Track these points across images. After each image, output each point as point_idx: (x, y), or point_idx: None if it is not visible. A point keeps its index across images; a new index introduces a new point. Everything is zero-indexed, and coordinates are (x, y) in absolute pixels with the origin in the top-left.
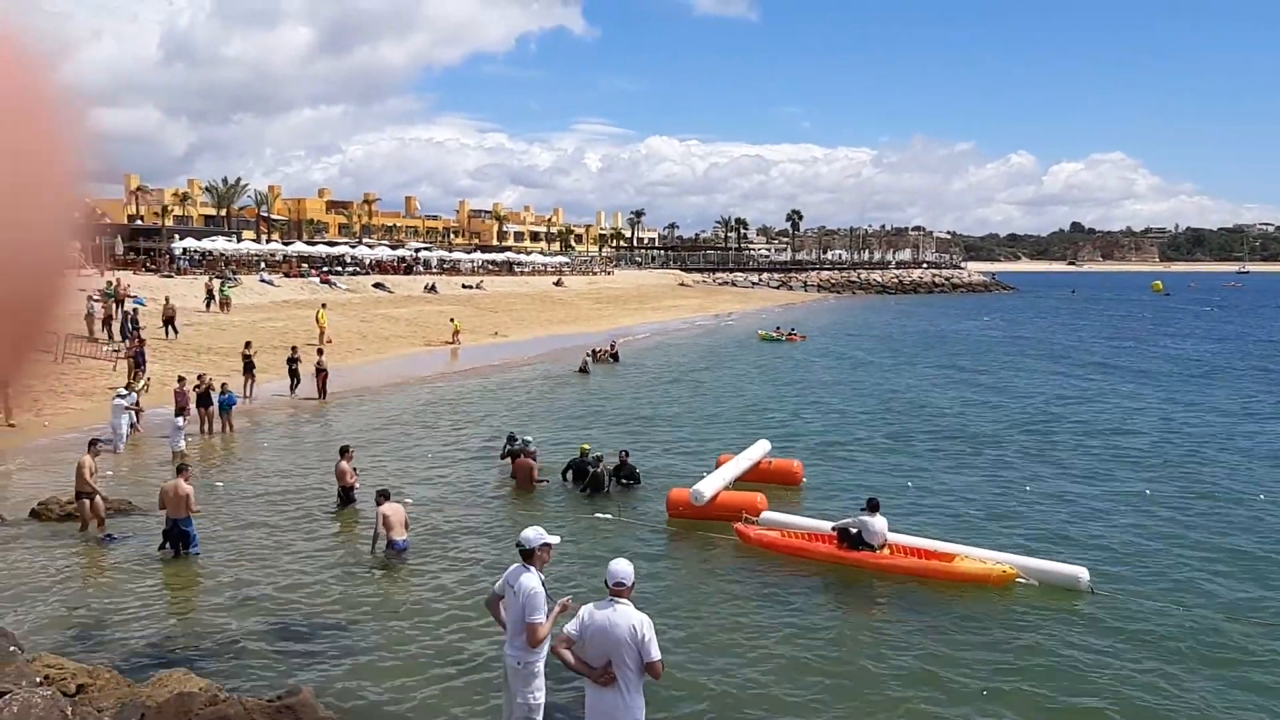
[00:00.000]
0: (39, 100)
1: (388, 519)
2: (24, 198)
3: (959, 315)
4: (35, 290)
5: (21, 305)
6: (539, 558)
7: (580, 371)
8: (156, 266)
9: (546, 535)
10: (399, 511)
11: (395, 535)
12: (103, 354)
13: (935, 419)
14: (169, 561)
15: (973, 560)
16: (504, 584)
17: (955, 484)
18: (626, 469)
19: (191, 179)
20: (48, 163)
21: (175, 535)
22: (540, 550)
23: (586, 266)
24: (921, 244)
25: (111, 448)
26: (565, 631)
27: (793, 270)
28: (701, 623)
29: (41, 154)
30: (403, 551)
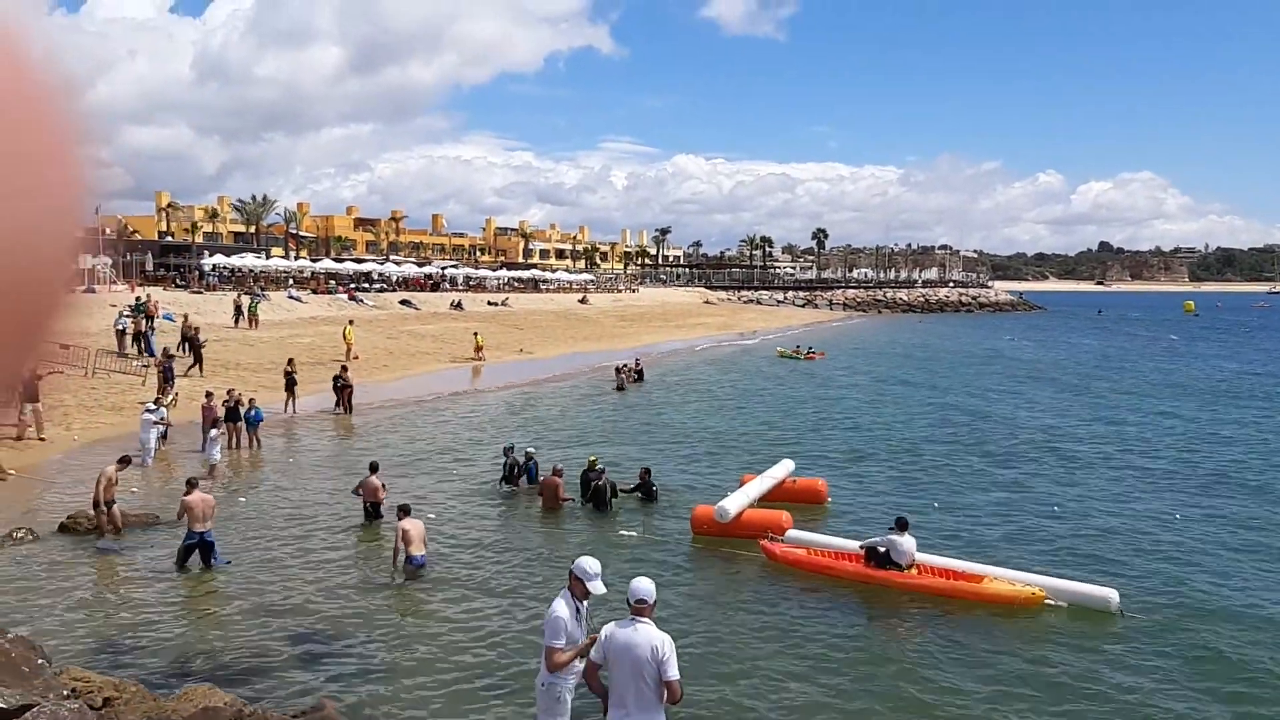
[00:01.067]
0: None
1: (407, 534)
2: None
3: (985, 334)
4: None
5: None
6: (574, 587)
7: (617, 389)
8: (186, 283)
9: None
10: (419, 527)
11: (414, 550)
12: (132, 369)
13: (960, 438)
14: (193, 575)
15: (1001, 581)
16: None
17: (982, 503)
18: (644, 485)
19: (222, 196)
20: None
21: (203, 547)
22: (574, 581)
23: (611, 284)
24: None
25: (140, 462)
26: (590, 658)
27: (818, 289)
28: (726, 641)
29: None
30: (420, 567)
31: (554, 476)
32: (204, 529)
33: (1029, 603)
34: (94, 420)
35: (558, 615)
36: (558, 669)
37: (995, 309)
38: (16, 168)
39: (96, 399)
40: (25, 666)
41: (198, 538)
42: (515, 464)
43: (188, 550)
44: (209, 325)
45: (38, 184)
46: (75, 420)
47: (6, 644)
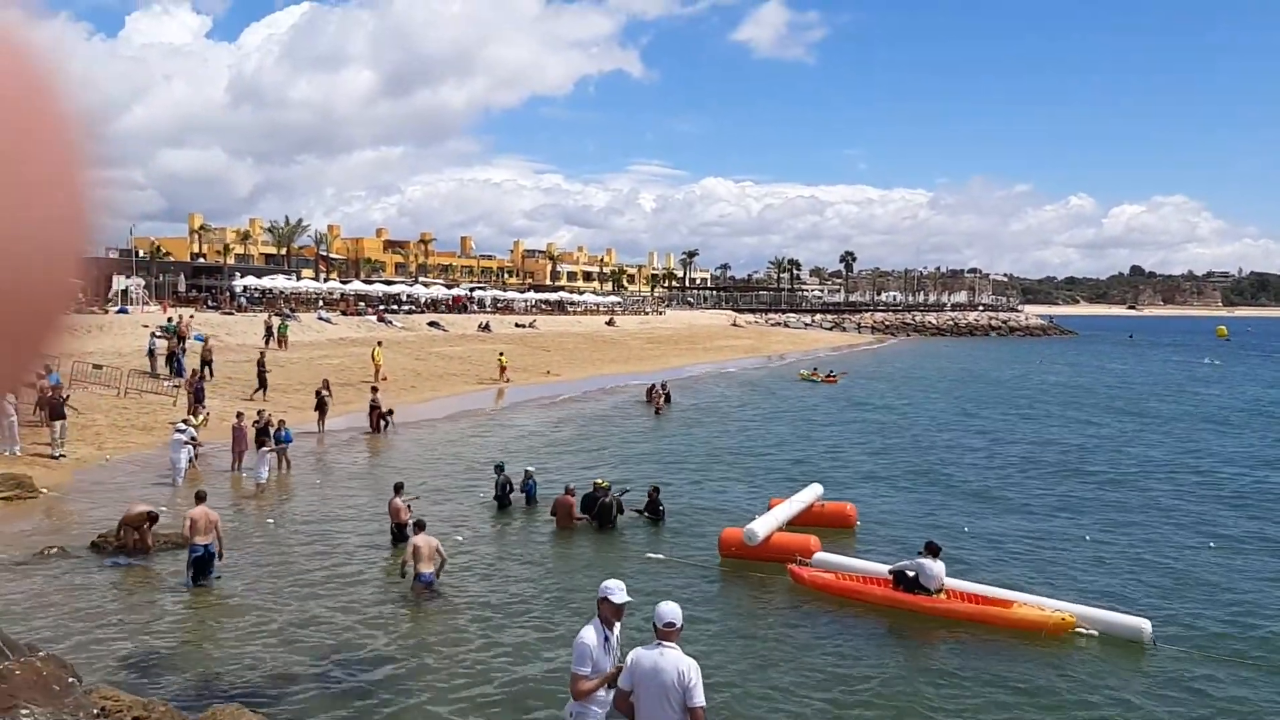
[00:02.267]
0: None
1: (418, 550)
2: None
3: (1014, 359)
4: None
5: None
6: (599, 610)
7: (655, 413)
8: (218, 304)
9: (611, 591)
10: (430, 544)
11: (422, 568)
12: (164, 389)
13: (990, 463)
14: (219, 594)
15: (1031, 607)
16: None
17: (1011, 528)
18: (653, 505)
19: (253, 218)
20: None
21: (204, 560)
22: (600, 603)
23: (639, 306)
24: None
25: (170, 481)
26: (619, 685)
27: (846, 312)
28: (753, 666)
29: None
30: (429, 585)
31: (567, 496)
32: (206, 541)
33: (1059, 629)
34: (125, 440)
35: (584, 642)
36: (582, 697)
37: (1025, 333)
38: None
39: (128, 419)
40: (56, 685)
41: (201, 550)
42: (507, 482)
43: (193, 564)
44: (240, 346)
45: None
46: (107, 440)
47: (38, 662)
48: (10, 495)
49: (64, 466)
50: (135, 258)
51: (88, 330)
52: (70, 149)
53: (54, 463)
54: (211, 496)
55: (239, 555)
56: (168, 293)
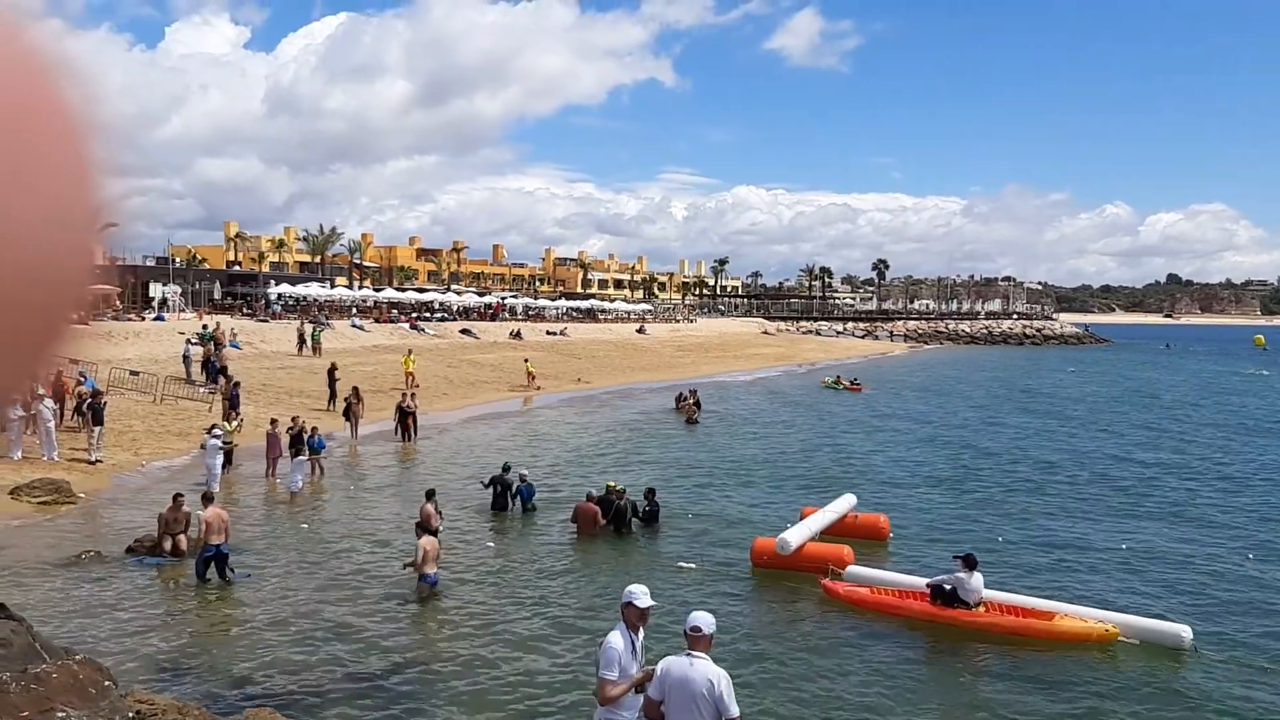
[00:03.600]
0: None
1: (426, 554)
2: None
3: (1048, 368)
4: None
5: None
6: (624, 615)
7: (689, 422)
8: (253, 311)
9: (636, 596)
10: (435, 545)
11: (427, 569)
12: (199, 395)
13: (1023, 472)
14: (256, 599)
15: (1072, 618)
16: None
17: (1047, 539)
18: (650, 505)
19: (288, 226)
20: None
21: (219, 560)
22: (624, 608)
23: (669, 314)
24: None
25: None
26: (649, 695)
27: (878, 320)
28: (785, 677)
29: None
30: (433, 585)
31: (590, 504)
32: (219, 541)
33: (1101, 640)
34: (161, 446)
35: (612, 646)
36: (610, 702)
37: (1060, 341)
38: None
39: (164, 425)
40: (92, 688)
41: (214, 550)
42: (506, 486)
43: (205, 563)
44: (274, 353)
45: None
46: (143, 445)
47: (75, 665)
48: (48, 500)
49: (101, 471)
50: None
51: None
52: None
53: (91, 468)
54: (245, 502)
55: (273, 560)
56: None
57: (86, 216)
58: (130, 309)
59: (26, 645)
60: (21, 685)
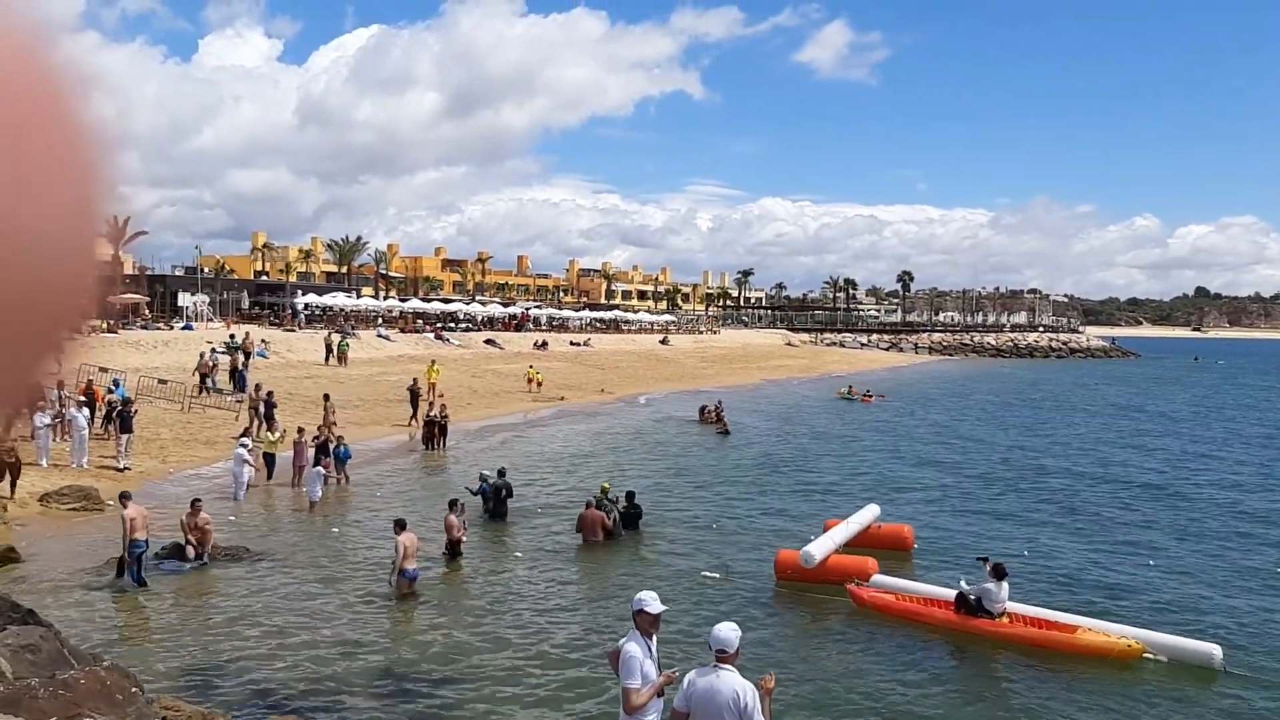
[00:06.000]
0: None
1: (406, 550)
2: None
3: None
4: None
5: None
6: (638, 623)
7: (722, 433)
8: (280, 321)
9: (647, 602)
10: (413, 541)
11: (407, 564)
12: (226, 404)
13: (1046, 485)
14: (280, 607)
15: (1096, 632)
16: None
17: (1071, 552)
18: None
19: (315, 237)
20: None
21: None
22: (636, 616)
23: (693, 325)
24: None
25: (233, 495)
26: (675, 707)
27: (903, 332)
28: (810, 690)
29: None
30: (413, 581)
31: (594, 510)
32: (145, 538)
33: (1125, 655)
34: (189, 454)
35: (633, 655)
36: (635, 710)
37: (1086, 354)
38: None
39: (191, 433)
40: (119, 694)
41: (143, 546)
42: (501, 487)
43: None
44: (300, 363)
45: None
46: (171, 453)
47: (102, 671)
48: (78, 507)
49: (129, 479)
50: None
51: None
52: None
53: (119, 475)
54: (269, 511)
55: (294, 568)
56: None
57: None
58: (159, 318)
59: (55, 651)
60: (50, 691)
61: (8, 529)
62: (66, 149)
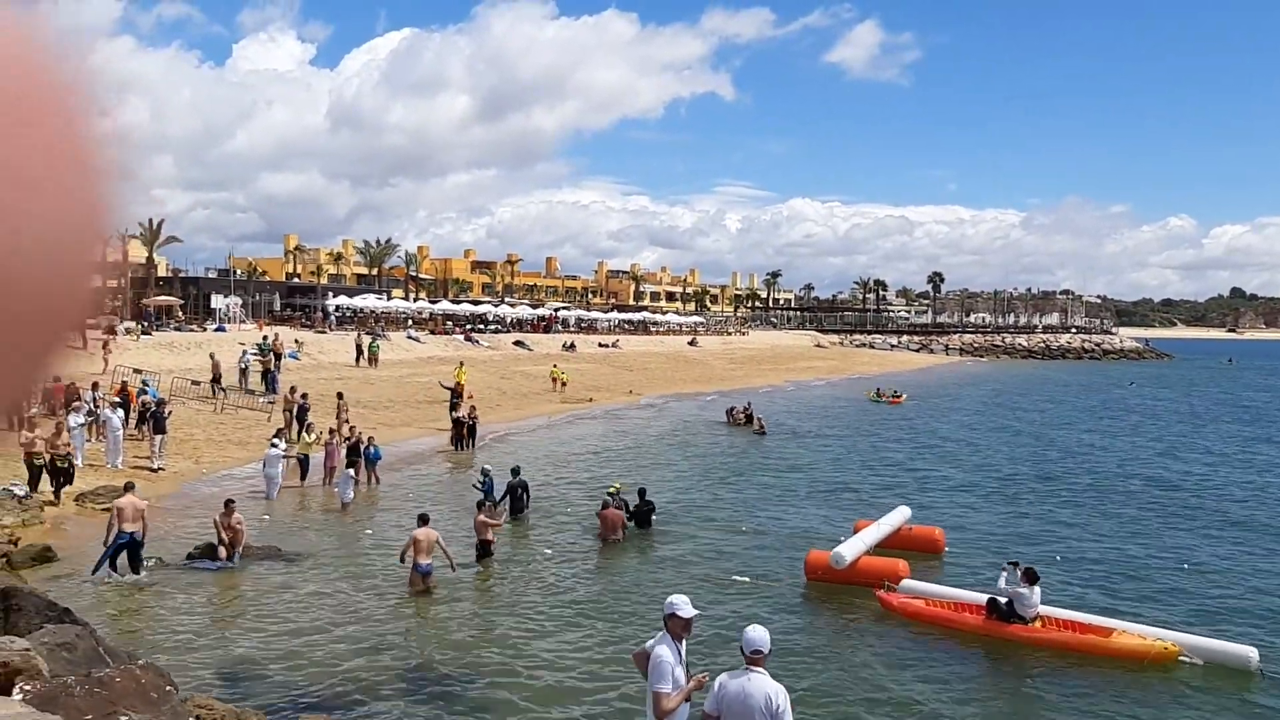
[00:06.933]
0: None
1: (418, 543)
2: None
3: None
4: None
5: None
6: (669, 627)
7: (757, 433)
8: (311, 322)
9: (679, 607)
10: (430, 537)
11: (420, 559)
12: (259, 405)
13: (1078, 487)
14: (311, 607)
15: (1131, 635)
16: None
17: (1105, 555)
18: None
19: (346, 239)
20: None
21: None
22: (668, 620)
23: (721, 326)
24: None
25: (265, 495)
26: (705, 710)
27: (933, 333)
28: (841, 692)
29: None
30: (427, 575)
31: (613, 510)
32: (133, 529)
33: (1161, 659)
34: (222, 454)
35: (664, 660)
36: (667, 714)
37: (1120, 356)
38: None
39: (224, 434)
40: (154, 693)
41: (128, 538)
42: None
43: (117, 550)
44: (331, 364)
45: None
46: (204, 454)
47: (137, 670)
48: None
49: (163, 479)
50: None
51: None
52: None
53: (153, 475)
54: (301, 511)
55: (325, 568)
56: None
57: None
58: (193, 320)
59: (91, 650)
60: (86, 689)
61: (44, 529)
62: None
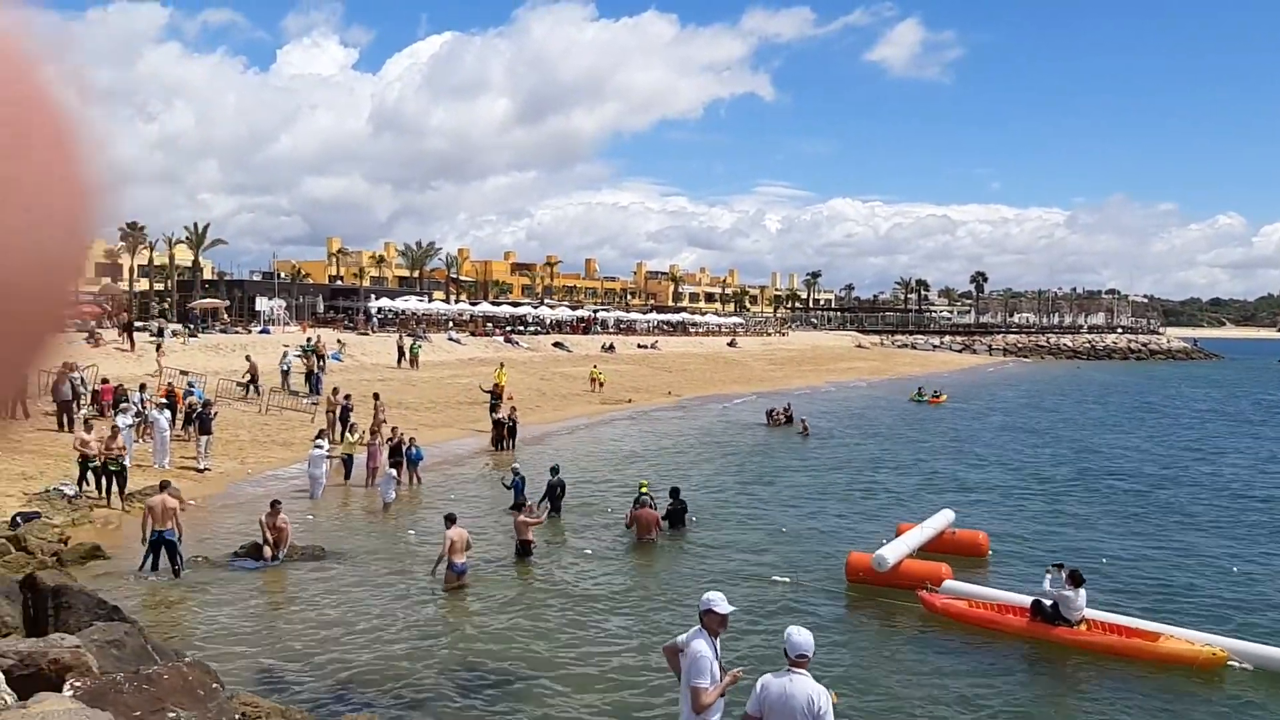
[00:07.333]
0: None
1: (454, 544)
2: None
3: (1151, 383)
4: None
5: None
6: (706, 623)
7: (801, 435)
8: (354, 324)
9: (716, 603)
10: (463, 535)
11: (456, 558)
12: (303, 406)
13: (1124, 489)
14: (355, 606)
15: (1179, 640)
16: (684, 641)
17: (1151, 558)
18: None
19: (388, 242)
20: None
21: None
22: (705, 616)
23: (761, 327)
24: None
25: (310, 495)
26: (747, 711)
27: (977, 333)
28: (882, 694)
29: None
30: (462, 574)
31: (648, 509)
32: (163, 528)
33: (1209, 664)
34: (267, 455)
35: (701, 654)
36: (704, 709)
37: (1167, 356)
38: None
39: (269, 434)
40: (201, 690)
41: (157, 535)
42: (556, 485)
43: (154, 547)
44: (374, 365)
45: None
46: (249, 454)
47: (184, 667)
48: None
49: (208, 479)
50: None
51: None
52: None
53: (199, 475)
54: (349, 511)
55: (366, 568)
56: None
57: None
58: (238, 322)
59: (139, 647)
60: (134, 685)
61: (94, 528)
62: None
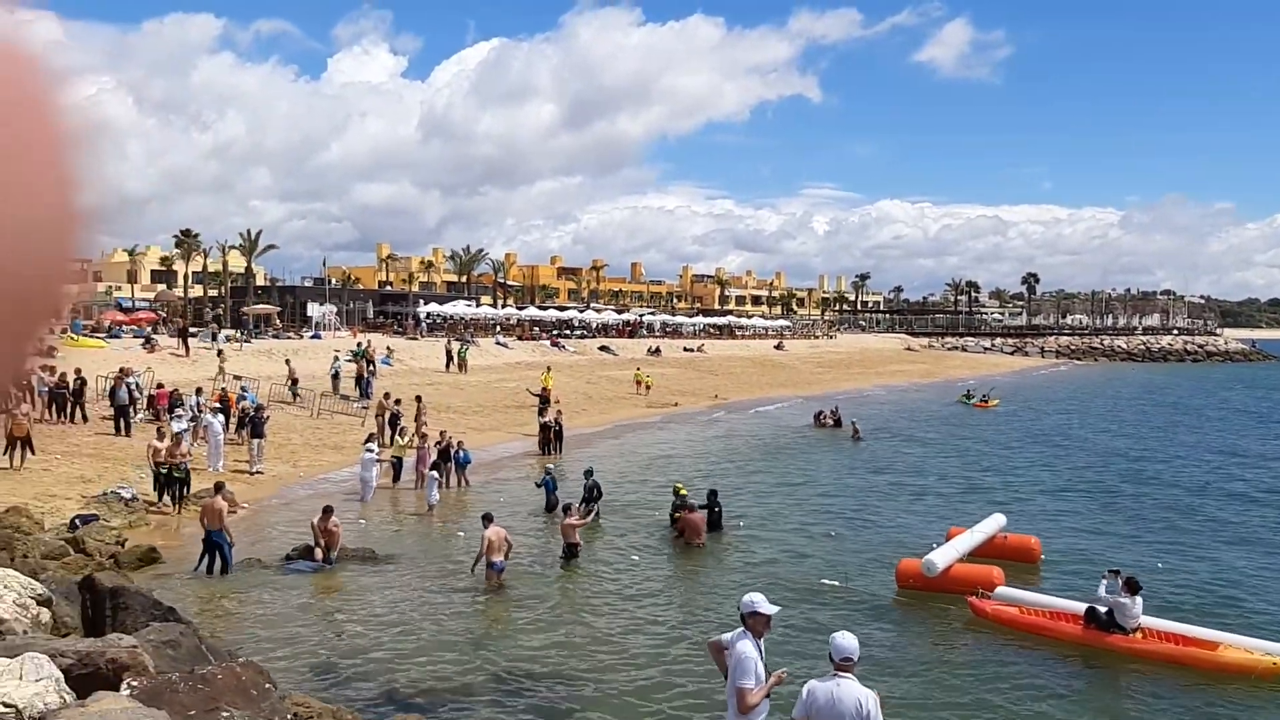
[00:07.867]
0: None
1: (491, 543)
2: None
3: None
4: None
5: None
6: (750, 625)
7: (853, 437)
8: (403, 329)
9: (760, 604)
10: (500, 535)
11: (494, 557)
12: (353, 410)
13: (1180, 495)
14: (403, 607)
15: (1238, 649)
16: (728, 640)
17: (1210, 565)
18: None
19: (436, 248)
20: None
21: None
22: (750, 618)
23: (808, 330)
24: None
25: (360, 498)
26: (794, 716)
27: (1028, 335)
28: (931, 701)
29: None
30: (500, 573)
31: (695, 514)
32: (215, 528)
33: (1270, 673)
34: (318, 459)
35: (747, 655)
36: (750, 710)
37: (1225, 358)
38: None
39: (320, 438)
40: (254, 690)
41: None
42: (592, 487)
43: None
44: (423, 369)
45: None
46: (301, 458)
47: (238, 667)
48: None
49: (261, 482)
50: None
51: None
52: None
53: (252, 478)
54: (399, 513)
55: (415, 569)
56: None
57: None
58: (290, 327)
59: (194, 647)
60: (189, 685)
61: (150, 530)
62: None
